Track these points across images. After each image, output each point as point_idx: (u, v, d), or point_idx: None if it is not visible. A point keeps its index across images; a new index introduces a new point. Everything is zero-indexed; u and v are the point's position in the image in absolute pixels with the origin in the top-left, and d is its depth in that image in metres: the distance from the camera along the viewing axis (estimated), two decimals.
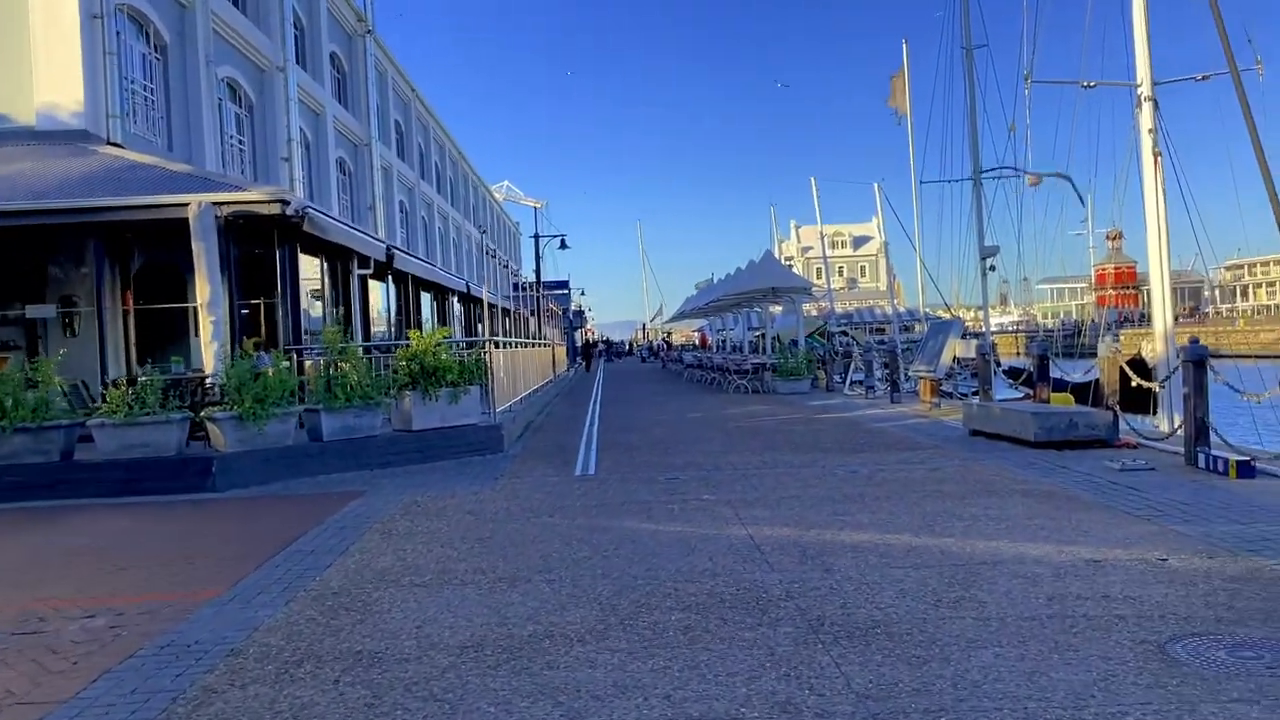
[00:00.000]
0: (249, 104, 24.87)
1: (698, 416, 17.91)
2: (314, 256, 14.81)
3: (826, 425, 15.24)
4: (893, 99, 25.89)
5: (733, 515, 7.97)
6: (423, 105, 46.02)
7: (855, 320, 64.96)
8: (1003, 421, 11.57)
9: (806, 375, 23.42)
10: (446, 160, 53.48)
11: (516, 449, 13.19)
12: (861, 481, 9.46)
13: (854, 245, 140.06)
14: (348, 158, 33.56)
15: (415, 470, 11.35)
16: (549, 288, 53.40)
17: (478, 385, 12.64)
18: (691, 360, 37.15)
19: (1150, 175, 20.01)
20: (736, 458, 11.56)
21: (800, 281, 25.90)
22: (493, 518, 8.25)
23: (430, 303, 25.28)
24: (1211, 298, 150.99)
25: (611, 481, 10.05)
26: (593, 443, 13.79)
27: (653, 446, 13.07)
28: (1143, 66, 19.79)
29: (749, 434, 14.28)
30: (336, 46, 32.96)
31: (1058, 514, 7.56)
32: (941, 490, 8.77)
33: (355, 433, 11.41)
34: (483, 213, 67.26)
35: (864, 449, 12.01)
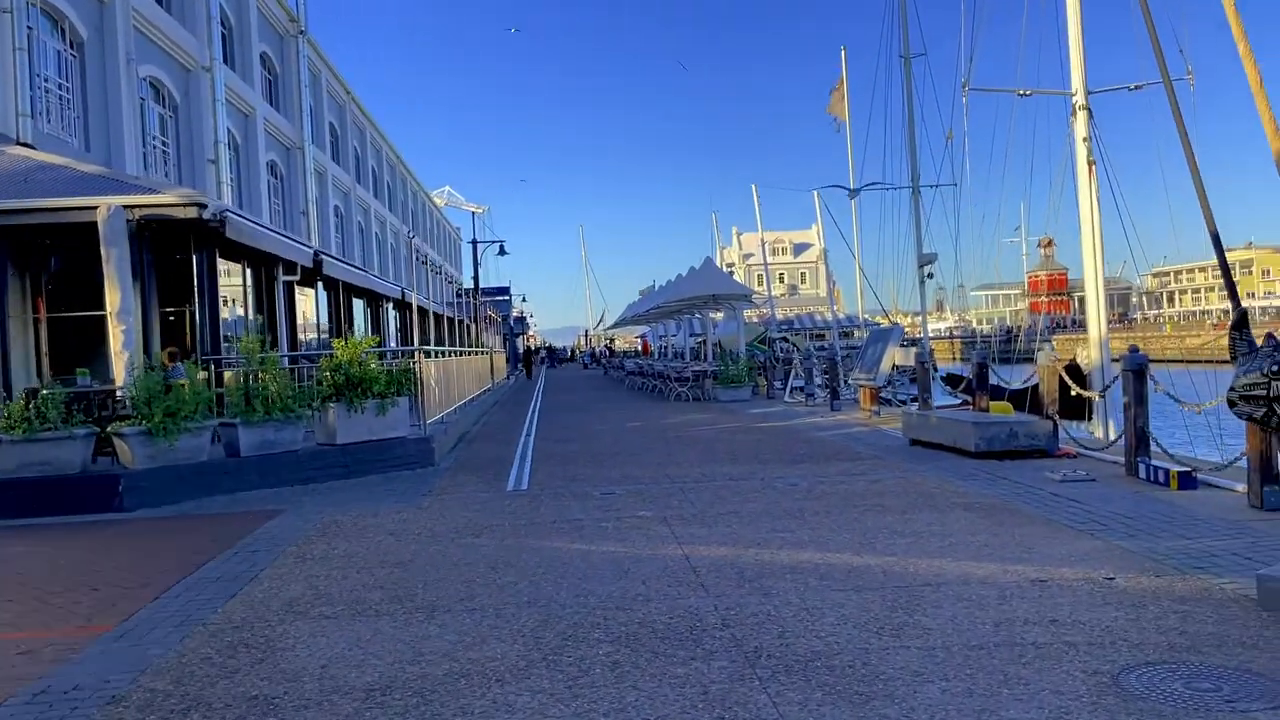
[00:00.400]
0: (173, 104, 24.00)
1: (637, 426, 17.58)
2: (236, 262, 14.19)
3: (766, 434, 15.01)
4: (832, 106, 25.89)
5: (669, 533, 7.64)
6: (358, 108, 45.14)
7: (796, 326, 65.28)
8: (943, 431, 11.42)
9: (747, 383, 23.24)
10: (384, 164, 52.56)
11: (448, 462, 12.73)
12: (801, 495, 9.19)
13: (795, 252, 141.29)
14: (280, 161, 32.68)
15: (339, 487, 10.84)
16: (489, 294, 52.78)
17: (407, 396, 12.16)
18: (633, 367, 36.84)
19: (1085, 183, 20.17)
20: (675, 470, 11.24)
21: (741, 289, 25.73)
22: (416, 539, 7.81)
23: (364, 310, 24.62)
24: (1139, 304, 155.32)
25: (544, 497, 9.66)
26: (528, 454, 13.38)
27: (589, 458, 12.71)
28: (1077, 75, 19.95)
29: (688, 444, 13.99)
30: (267, 47, 32.09)
31: (1000, 529, 7.35)
32: (882, 504, 8.54)
33: (275, 447, 10.86)
34: (422, 218, 66.31)
35: (804, 459, 11.78)
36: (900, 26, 26.40)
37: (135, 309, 11.63)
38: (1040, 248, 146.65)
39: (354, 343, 11.57)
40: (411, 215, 62.14)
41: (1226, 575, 5.81)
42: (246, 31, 29.49)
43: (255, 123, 29.36)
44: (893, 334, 16.36)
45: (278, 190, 32.91)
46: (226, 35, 28.52)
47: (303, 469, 11.01)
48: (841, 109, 25.52)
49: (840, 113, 25.65)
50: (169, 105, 23.82)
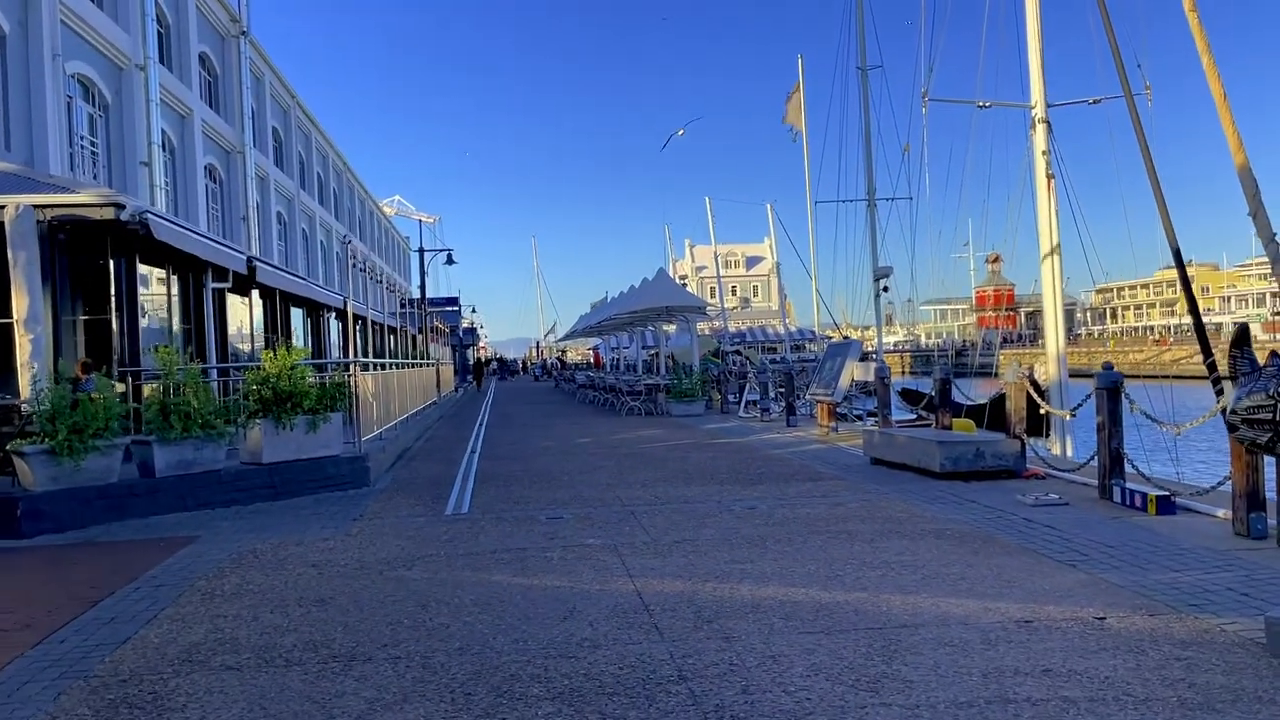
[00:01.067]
0: (104, 104, 22.94)
1: (587, 442, 16.93)
2: (160, 268, 13.32)
3: (722, 452, 14.45)
4: (788, 115, 25.53)
5: (619, 565, 7.02)
6: (304, 112, 44.05)
7: (748, 339, 65.19)
8: (906, 451, 10.94)
9: (701, 397, 22.70)
10: (330, 171, 51.43)
11: (385, 482, 11.98)
12: (761, 520, 8.62)
13: (747, 265, 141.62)
14: (219, 165, 31.58)
15: (263, 510, 10.05)
16: (437, 304, 51.78)
17: (340, 412, 11.40)
18: (584, 380, 36.16)
19: (1043, 197, 19.99)
20: (626, 491, 10.62)
21: (694, 300, 25.22)
22: (341, 571, 7.10)
23: (304, 320, 23.68)
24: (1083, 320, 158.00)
25: (485, 522, 8.98)
26: (471, 473, 12.67)
27: (536, 478, 12.04)
28: (1036, 89, 19.79)
29: (640, 462, 13.38)
30: (207, 47, 31.02)
31: (976, 559, 6.84)
32: (848, 530, 7.99)
33: (194, 467, 10.05)
34: (369, 226, 65.09)
35: (762, 479, 11.22)
36: (857, 38, 26.18)
37: (45, 317, 10.76)
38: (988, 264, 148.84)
39: (283, 354, 10.80)
40: (358, 223, 60.92)
41: (1226, 614, 5.33)
42: (185, 30, 28.44)
43: (193, 125, 28.30)
44: (851, 348, 15.90)
45: (216, 195, 31.80)
46: (163, 34, 27.46)
47: (225, 490, 10.21)
48: (798, 118, 25.17)
49: (797, 122, 25.30)
50: (99, 105, 22.76)
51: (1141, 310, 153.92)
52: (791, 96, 25.03)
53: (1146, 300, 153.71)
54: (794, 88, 24.94)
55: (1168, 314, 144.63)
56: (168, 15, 27.60)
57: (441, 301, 54.31)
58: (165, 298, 13.49)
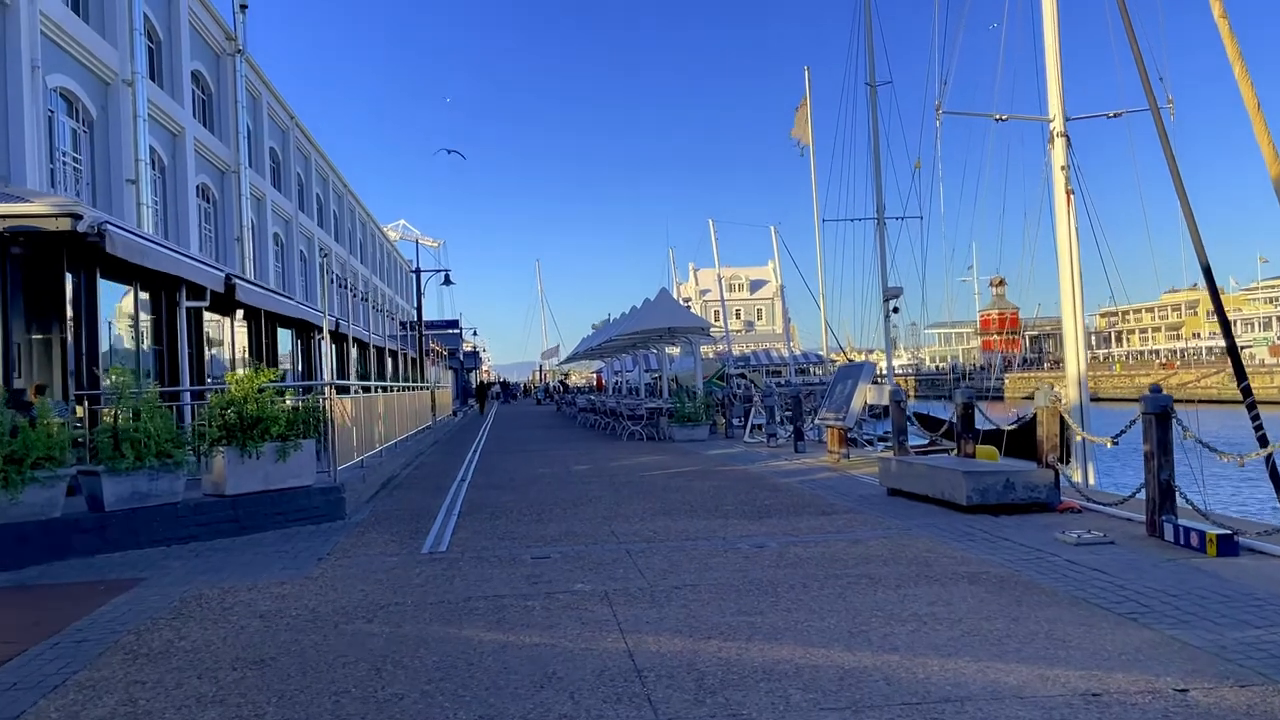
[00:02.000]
0: (88, 119, 22.24)
1: (585, 469, 16.03)
2: (126, 284, 12.49)
3: (728, 480, 13.54)
4: (795, 129, 24.80)
5: (609, 616, 6.12)
6: (303, 133, 43.47)
7: (752, 363, 64.38)
8: (928, 481, 10.02)
9: (705, 421, 21.80)
10: (330, 193, 50.83)
11: (363, 514, 11.07)
12: (771, 561, 7.71)
13: (751, 289, 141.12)
14: (212, 184, 30.91)
15: (223, 547, 9.16)
16: (437, 327, 51.01)
17: (313, 439, 10.53)
18: (584, 404, 35.26)
19: (1062, 213, 19.16)
20: (623, 525, 9.71)
21: (698, 321, 24.38)
22: (291, 624, 6.20)
23: (293, 341, 22.84)
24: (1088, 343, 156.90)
25: (464, 562, 8.07)
26: (457, 505, 11.77)
27: (526, 510, 11.13)
28: (1055, 102, 19.00)
29: (640, 492, 12.47)
30: (201, 64, 30.41)
31: (1020, 611, 5.93)
32: (870, 575, 7.08)
33: (149, 500, 9.17)
34: (371, 249, 64.46)
35: (771, 512, 10.30)
36: (866, 54, 25.48)
37: None
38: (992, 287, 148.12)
39: (250, 376, 9.94)
40: (360, 246, 60.30)
41: None
42: (176, 47, 27.81)
43: (184, 143, 27.62)
44: (864, 370, 15.00)
45: (210, 215, 31.10)
46: (154, 50, 26.84)
47: (183, 526, 9.32)
48: (805, 132, 24.39)
49: (804, 135, 24.52)
50: (83, 120, 22.05)
51: (1147, 334, 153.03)
52: (799, 110, 24.30)
53: (1152, 324, 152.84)
54: (801, 101, 24.19)
55: (1173, 338, 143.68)
56: (159, 31, 26.98)
57: (441, 324, 53.54)
58: (133, 316, 12.66)
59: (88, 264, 11.13)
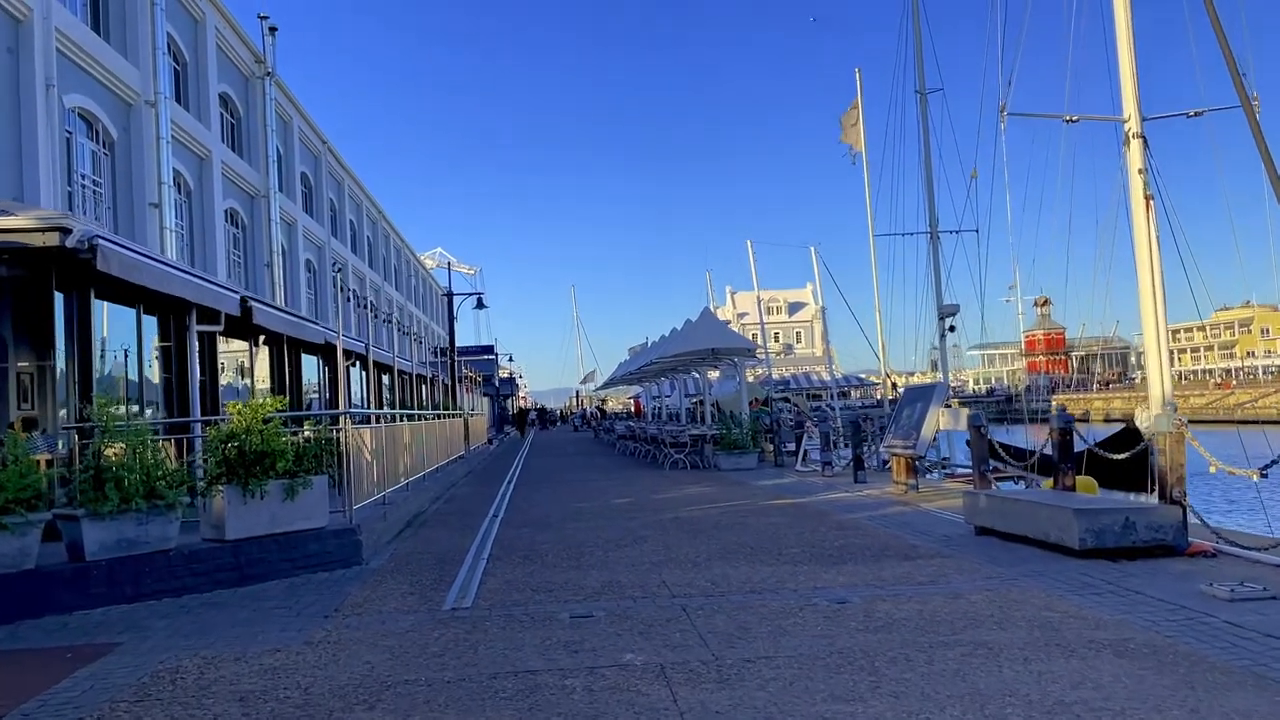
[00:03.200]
0: (109, 141, 21.55)
1: (626, 503, 14.79)
2: (129, 306, 11.51)
3: (786, 516, 12.23)
4: (845, 135, 23.49)
5: (668, 702, 4.87)
6: (335, 158, 42.94)
7: (792, 386, 62.93)
8: (1027, 519, 8.67)
9: (753, 449, 20.47)
10: (364, 219, 50.30)
11: (383, 558, 9.91)
12: (859, 622, 6.42)
13: (789, 311, 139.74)
14: (241, 209, 30.23)
15: (219, 601, 8.03)
16: (471, 353, 50.12)
17: (326, 475, 9.40)
18: (624, 430, 34.00)
19: (1141, 220, 17.67)
20: (675, 573, 8.46)
21: (743, 342, 23.10)
22: (275, 711, 5.02)
23: (319, 368, 21.88)
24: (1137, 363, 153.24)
25: (492, 623, 6.86)
26: (487, 546, 10.57)
27: (564, 553, 9.91)
28: (1129, 100, 17.50)
29: (690, 530, 11.21)
30: (229, 87, 29.82)
31: (1198, 699, 4.60)
32: (986, 643, 5.76)
33: (138, 547, 8.07)
34: (406, 275, 63.95)
35: (844, 556, 8.99)
36: (915, 60, 24.23)
37: None
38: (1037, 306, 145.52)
39: (254, 405, 8.85)
40: (395, 272, 59.76)
41: None
42: (204, 68, 27.21)
43: (212, 166, 26.95)
44: (935, 392, 13.59)
45: (239, 240, 30.42)
46: (179, 71, 26.24)
47: (177, 576, 8.21)
48: (856, 137, 23.07)
49: (855, 142, 23.22)
50: (104, 142, 21.36)
51: (1199, 353, 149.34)
52: (848, 114, 22.99)
53: (1204, 342, 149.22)
54: (851, 105, 22.90)
55: (1226, 356, 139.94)
56: (184, 52, 26.38)
57: (476, 350, 52.64)
58: (138, 342, 11.66)
59: (81, 284, 10.14)
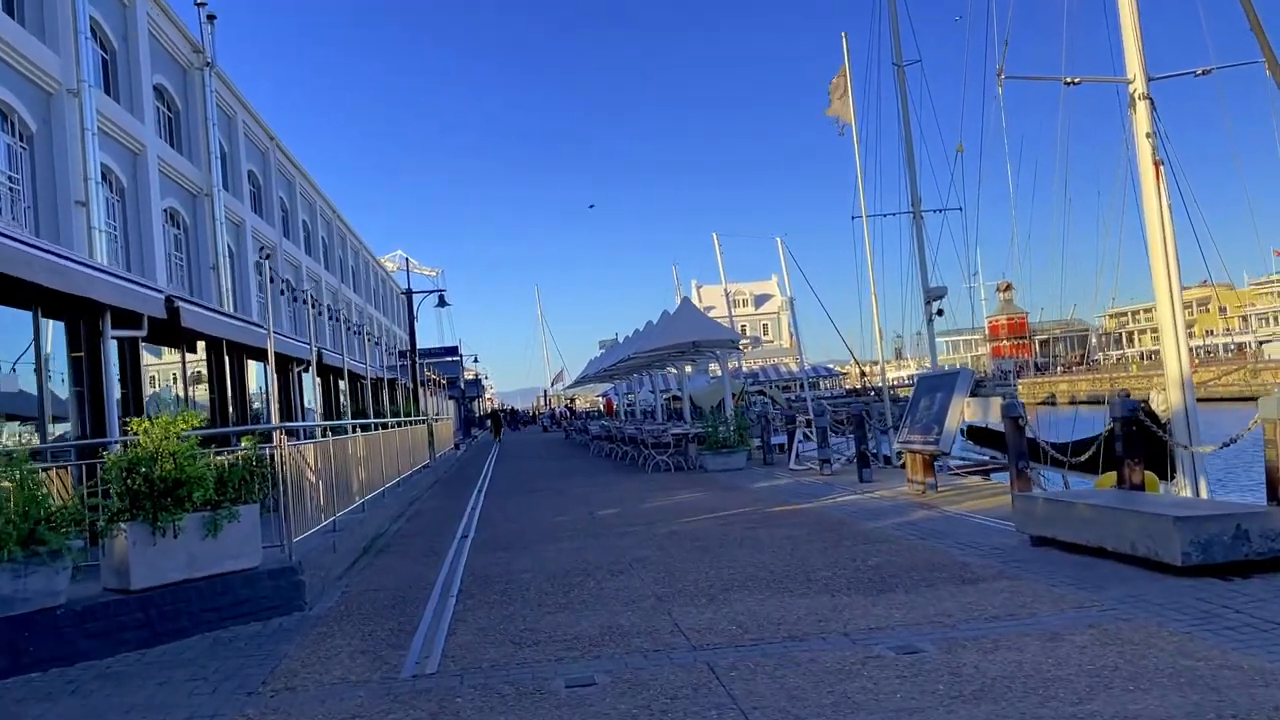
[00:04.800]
0: (27, 134, 19.65)
1: (613, 515, 13.24)
2: (24, 309, 9.78)
3: (799, 526, 10.72)
4: (833, 106, 22.00)
5: None
6: (284, 154, 40.91)
7: (760, 379, 61.72)
8: (1107, 528, 7.23)
9: (742, 447, 19.00)
10: (318, 219, 48.23)
11: (331, 599, 8.29)
12: (945, 685, 4.91)
13: (755, 304, 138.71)
14: (182, 209, 28.28)
15: (119, 670, 6.39)
16: (435, 355, 48.26)
17: (257, 502, 7.77)
18: (598, 430, 32.39)
19: (1150, 187, 16.44)
20: (688, 611, 6.92)
21: (727, 334, 21.59)
22: None
23: (266, 375, 20.05)
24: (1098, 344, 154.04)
25: (465, 698, 5.28)
26: (456, 578, 8.97)
27: (548, 585, 8.35)
28: (1134, 60, 16.28)
29: (694, 548, 9.68)
30: (164, 78, 27.85)
31: None
32: (1136, 716, 4.28)
33: (13, 606, 6.41)
34: (366, 277, 61.85)
35: (889, 581, 7.49)
36: (890, 31, 22.85)
37: None
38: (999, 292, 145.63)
39: (163, 422, 7.20)
40: (353, 274, 57.69)
41: None
42: (135, 57, 25.24)
43: (146, 162, 25.03)
44: (959, 380, 12.09)
45: (180, 242, 28.47)
46: (107, 59, 24.29)
47: (65, 640, 6.56)
48: (845, 109, 21.58)
49: (844, 113, 21.72)
50: (20, 134, 19.46)
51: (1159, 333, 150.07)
52: (835, 82, 21.48)
53: None
54: (838, 73, 21.37)
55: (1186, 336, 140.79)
56: (112, 40, 24.41)
57: (440, 352, 50.76)
58: (35, 350, 9.93)
59: None
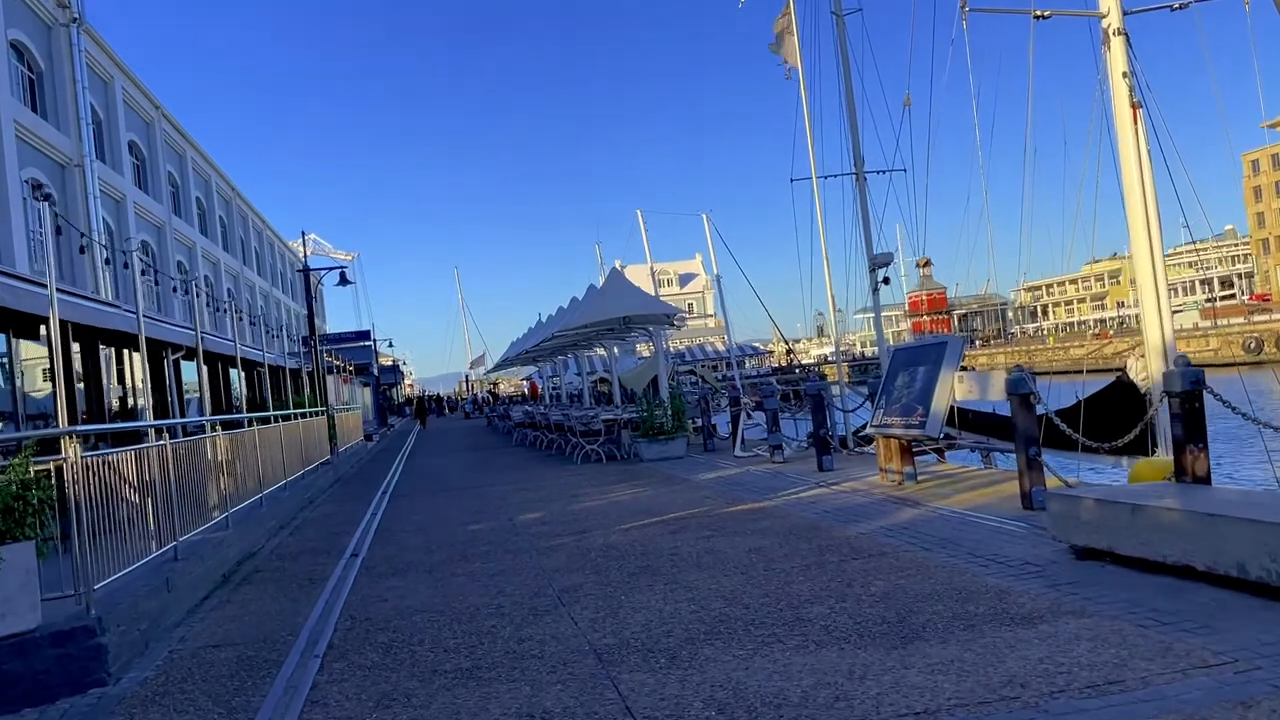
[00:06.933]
0: None
1: (536, 520, 11.18)
2: None
3: (767, 535, 8.76)
4: (777, 44, 20.02)
5: None
6: (172, 125, 37.57)
7: (688, 359, 60.12)
8: (1199, 540, 5.42)
9: (680, 433, 17.07)
10: (214, 196, 44.85)
11: (152, 664, 6.08)
12: None
13: (680, 283, 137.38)
14: (47, 180, 25.16)
15: None
16: (344, 340, 45.37)
17: (34, 539, 5.54)
18: (521, 417, 30.16)
19: (1127, 131, 14.89)
20: (640, 679, 4.91)
21: (661, 307, 19.59)
22: None
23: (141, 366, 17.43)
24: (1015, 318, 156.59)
25: None
26: (329, 626, 6.79)
27: (450, 633, 6.27)
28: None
29: (638, 570, 7.68)
30: (22, 33, 24.68)
31: None
32: None
33: None
34: (270, 259, 58.36)
35: (911, 623, 5.58)
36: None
37: None
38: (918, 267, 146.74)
39: None
40: (256, 257, 54.25)
41: None
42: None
43: (1, 129, 21.98)
44: (946, 351, 10.06)
45: (45, 219, 25.37)
46: None
47: None
48: (790, 49, 19.61)
49: (789, 54, 19.75)
50: None
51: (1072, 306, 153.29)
52: (780, 19, 19.53)
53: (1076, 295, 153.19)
54: (783, 9, 19.46)
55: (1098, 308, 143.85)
56: None
57: (350, 336, 47.82)
58: None
59: None
